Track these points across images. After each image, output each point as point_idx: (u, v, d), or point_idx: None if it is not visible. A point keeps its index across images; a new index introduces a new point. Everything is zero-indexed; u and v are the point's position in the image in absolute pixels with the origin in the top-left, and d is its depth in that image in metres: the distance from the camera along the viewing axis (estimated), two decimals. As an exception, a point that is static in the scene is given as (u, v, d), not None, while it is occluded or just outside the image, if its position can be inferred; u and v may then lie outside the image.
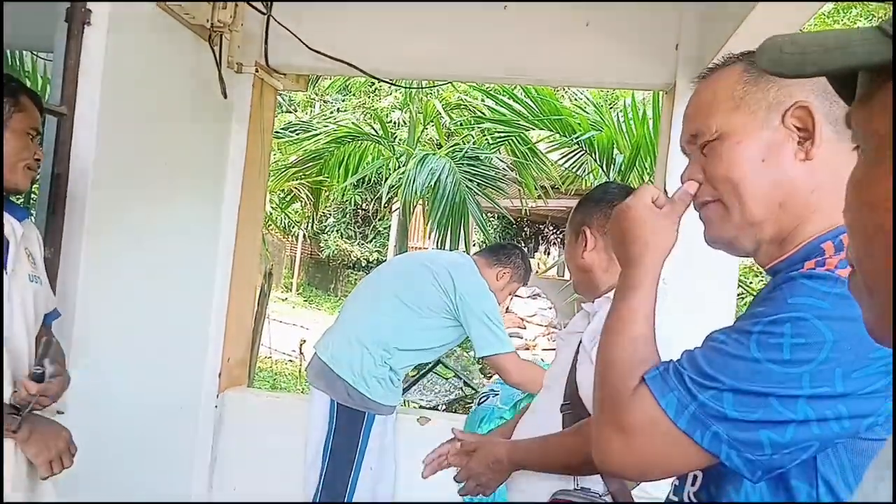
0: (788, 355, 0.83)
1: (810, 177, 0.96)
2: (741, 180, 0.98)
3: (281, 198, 9.31)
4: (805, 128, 0.96)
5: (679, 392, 0.88)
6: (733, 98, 1.00)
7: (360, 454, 2.78)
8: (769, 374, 0.84)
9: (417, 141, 8.39)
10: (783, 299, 0.87)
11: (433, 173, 6.57)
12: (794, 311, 0.85)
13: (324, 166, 7.85)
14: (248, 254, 3.54)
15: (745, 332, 0.87)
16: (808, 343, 0.83)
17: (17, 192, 1.81)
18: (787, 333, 0.84)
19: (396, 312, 2.83)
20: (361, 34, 3.28)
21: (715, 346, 0.90)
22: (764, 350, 0.85)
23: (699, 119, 1.04)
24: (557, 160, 6.90)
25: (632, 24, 3.05)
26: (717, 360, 0.88)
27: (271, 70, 3.42)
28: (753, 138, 0.98)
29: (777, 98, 0.98)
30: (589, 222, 1.88)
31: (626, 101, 6.03)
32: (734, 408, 0.85)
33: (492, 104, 6.90)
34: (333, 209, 16.46)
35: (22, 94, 1.79)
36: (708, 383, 0.87)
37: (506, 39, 3.16)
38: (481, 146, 7.65)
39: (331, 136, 7.81)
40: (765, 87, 0.99)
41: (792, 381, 0.83)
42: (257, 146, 3.45)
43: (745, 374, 0.85)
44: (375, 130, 8.43)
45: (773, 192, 0.96)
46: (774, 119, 0.97)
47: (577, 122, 6.06)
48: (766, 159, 0.97)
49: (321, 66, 3.34)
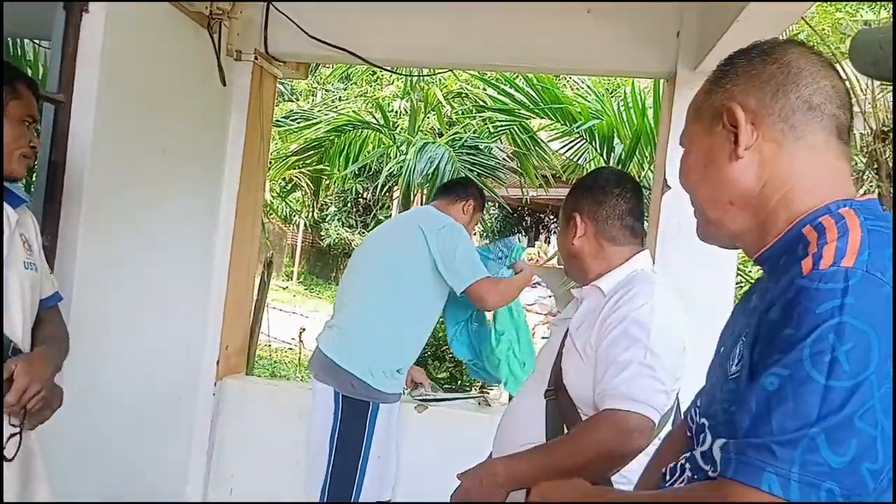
0: (848, 366, 0.79)
1: (750, 173, 1.00)
2: (693, 188, 1.08)
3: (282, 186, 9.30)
4: (735, 129, 1.01)
5: (772, 465, 0.81)
6: (696, 109, 1.09)
7: (367, 443, 2.78)
8: (845, 395, 0.79)
9: (418, 129, 8.36)
10: (811, 312, 0.82)
11: (432, 162, 6.55)
12: (828, 318, 0.81)
13: (324, 155, 7.83)
14: (246, 242, 3.54)
15: (796, 360, 0.82)
16: (857, 345, 0.80)
17: (13, 180, 1.80)
18: (835, 345, 0.80)
19: (387, 301, 2.82)
20: (361, 21, 3.26)
21: (772, 393, 0.83)
22: (824, 371, 0.80)
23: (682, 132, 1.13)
24: (558, 149, 6.88)
25: (632, 12, 3.04)
26: (787, 407, 0.81)
27: (271, 58, 3.41)
28: (699, 146, 1.06)
29: (720, 102, 1.03)
30: (580, 208, 1.87)
31: (626, 90, 6.01)
32: (832, 450, 0.79)
33: (493, 93, 6.88)
34: (334, 198, 16.45)
35: (18, 82, 1.78)
36: (795, 436, 0.80)
37: (506, 27, 3.14)
38: (482, 135, 7.62)
39: (331, 124, 7.79)
40: (714, 93, 1.05)
41: (865, 391, 0.79)
42: (256, 134, 3.44)
43: (826, 406, 0.79)
44: (376, 119, 8.40)
45: (719, 193, 1.03)
46: (717, 124, 1.03)
47: (577, 110, 6.04)
48: (707, 165, 1.05)
49: (321, 54, 3.33)
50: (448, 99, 8.67)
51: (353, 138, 7.76)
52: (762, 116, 0.99)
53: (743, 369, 0.93)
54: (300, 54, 3.50)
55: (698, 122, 1.07)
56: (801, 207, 0.97)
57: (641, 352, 1.63)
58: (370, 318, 2.83)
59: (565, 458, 1.62)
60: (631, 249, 1.85)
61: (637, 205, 1.88)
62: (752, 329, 0.91)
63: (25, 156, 1.79)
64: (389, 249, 2.89)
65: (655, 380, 1.61)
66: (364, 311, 2.86)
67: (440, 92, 8.40)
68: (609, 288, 1.79)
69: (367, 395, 2.79)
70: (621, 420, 1.59)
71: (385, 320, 2.82)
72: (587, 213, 1.86)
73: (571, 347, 1.78)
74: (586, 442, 1.63)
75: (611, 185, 1.88)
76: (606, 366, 1.66)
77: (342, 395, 2.78)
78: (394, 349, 2.83)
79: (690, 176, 1.08)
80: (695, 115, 1.09)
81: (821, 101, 0.98)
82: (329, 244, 17.86)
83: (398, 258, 2.84)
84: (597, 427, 1.63)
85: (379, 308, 2.83)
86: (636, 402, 1.59)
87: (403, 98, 9.20)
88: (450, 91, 8.67)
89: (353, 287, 2.96)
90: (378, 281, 2.85)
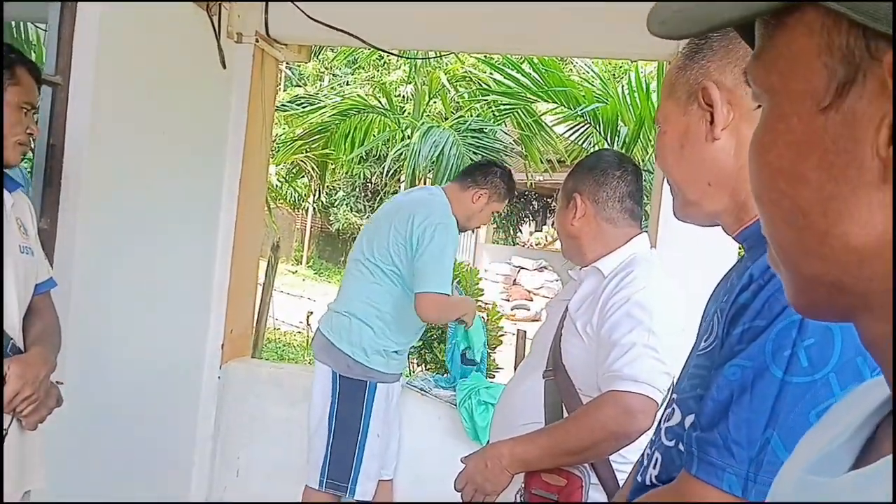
0: (806, 361, 0.79)
1: (727, 154, 0.97)
2: (669, 169, 1.05)
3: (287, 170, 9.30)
4: (711, 108, 0.97)
5: (732, 466, 0.82)
6: (669, 86, 1.05)
7: (365, 423, 2.80)
8: (800, 392, 0.79)
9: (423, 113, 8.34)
10: (778, 303, 0.82)
11: (436, 146, 6.54)
12: (792, 313, 0.77)
13: (330, 139, 7.82)
14: (250, 225, 3.54)
15: (758, 352, 0.82)
16: (818, 341, 0.79)
17: (7, 167, 1.79)
18: (796, 340, 0.80)
19: (376, 281, 2.82)
20: (364, 4, 3.23)
21: (733, 383, 0.84)
22: (782, 365, 0.80)
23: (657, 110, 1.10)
24: (563, 133, 6.86)
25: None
26: (745, 399, 0.82)
27: (272, 40, 3.38)
28: (674, 125, 1.03)
29: (696, 80, 1.00)
30: (580, 189, 1.86)
31: (631, 74, 5.97)
32: (788, 450, 0.77)
33: (498, 77, 6.85)
34: (343, 182, 16.45)
35: (19, 67, 1.75)
36: (752, 436, 0.81)
37: (511, 10, 3.11)
38: (487, 119, 7.60)
39: (336, 108, 7.77)
40: (689, 70, 1.01)
41: (822, 389, 0.78)
42: (258, 117, 3.43)
43: (780, 402, 0.80)
44: (382, 104, 8.37)
45: (697, 174, 1.00)
46: (692, 103, 1.00)
47: (581, 94, 6.01)
48: (684, 145, 1.01)
49: (322, 37, 3.30)
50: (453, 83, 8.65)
51: (359, 122, 7.76)
52: (738, 96, 0.96)
53: (715, 347, 0.93)
54: (302, 37, 3.48)
55: (672, 100, 1.04)
56: None
57: (644, 334, 1.63)
58: (363, 299, 2.84)
59: (570, 440, 1.64)
60: (629, 232, 1.85)
61: (637, 188, 1.87)
62: (728, 308, 0.91)
63: (21, 143, 1.77)
64: (382, 232, 2.86)
65: (658, 361, 1.62)
66: (357, 292, 2.87)
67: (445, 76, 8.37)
68: (609, 269, 1.79)
69: (363, 375, 2.80)
70: (625, 401, 1.60)
71: (377, 302, 2.82)
72: (587, 195, 1.85)
73: (571, 328, 1.78)
74: (591, 423, 1.64)
75: (612, 167, 1.87)
76: (609, 348, 1.66)
77: (339, 376, 2.80)
78: (387, 330, 2.83)
79: (668, 157, 1.05)
80: (669, 93, 1.05)
81: None
82: (338, 229, 17.89)
83: (390, 241, 2.81)
84: (601, 408, 1.63)
85: (371, 289, 2.83)
86: (639, 383, 1.60)
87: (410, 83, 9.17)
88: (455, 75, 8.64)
89: (349, 268, 2.97)
90: (371, 263, 2.85)
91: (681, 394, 1.01)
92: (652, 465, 1.01)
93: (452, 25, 3.23)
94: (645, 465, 1.04)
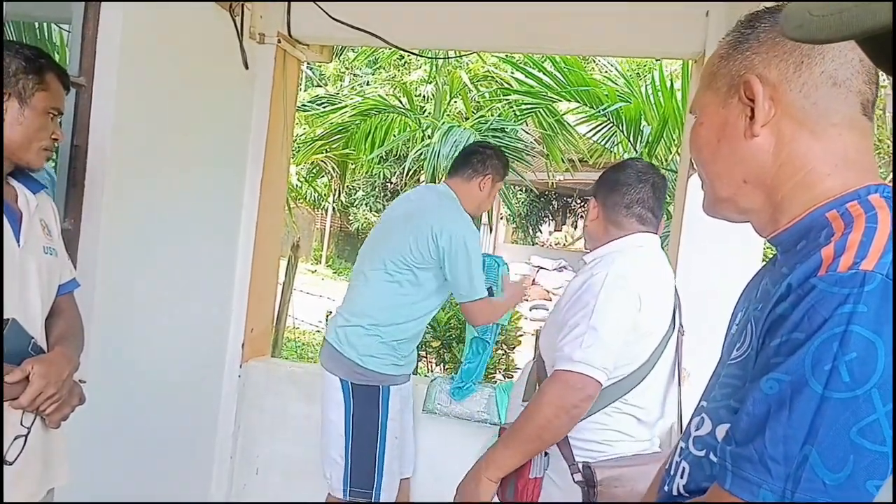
0: (848, 377, 0.75)
1: (766, 153, 0.92)
2: (703, 163, 1.00)
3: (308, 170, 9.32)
4: (752, 103, 0.92)
5: (768, 483, 0.78)
6: (710, 75, 1.00)
7: (382, 426, 2.79)
8: (841, 407, 0.75)
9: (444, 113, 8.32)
10: (819, 316, 0.78)
11: (457, 145, 6.52)
12: (835, 325, 0.76)
13: (350, 139, 7.83)
14: (271, 225, 3.55)
15: (797, 366, 0.78)
16: (860, 355, 0.75)
17: (31, 170, 1.79)
18: (837, 354, 0.76)
19: (382, 287, 2.81)
20: (386, 3, 3.23)
21: (770, 398, 0.80)
22: (822, 380, 0.76)
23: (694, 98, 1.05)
24: (585, 133, 6.81)
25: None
26: (783, 415, 0.78)
27: (294, 41, 3.39)
28: (712, 118, 0.98)
29: (738, 71, 0.94)
30: (596, 194, 2.06)
31: (655, 74, 5.92)
32: (826, 467, 0.75)
33: (520, 76, 6.82)
34: (362, 182, 16.48)
35: (48, 72, 1.73)
36: (789, 452, 0.77)
37: (532, 8, 3.09)
38: (508, 118, 7.57)
39: (356, 108, 7.78)
40: (732, 60, 0.96)
41: (864, 405, 0.75)
42: (280, 117, 3.44)
43: (820, 417, 0.76)
44: (403, 104, 8.37)
45: (733, 171, 0.96)
46: (733, 95, 0.95)
47: (604, 93, 5.97)
48: (721, 139, 0.96)
49: (344, 37, 3.30)
50: (474, 82, 8.62)
51: (379, 122, 7.76)
52: (782, 91, 0.91)
53: (749, 357, 0.90)
54: (324, 37, 3.48)
55: (712, 91, 0.98)
56: (821, 191, 0.90)
57: (588, 315, 1.79)
58: (371, 307, 2.82)
59: (525, 424, 1.80)
60: (629, 232, 2.00)
61: (651, 196, 2.01)
62: (763, 318, 0.87)
63: (46, 148, 1.76)
64: (394, 240, 2.83)
65: (597, 339, 1.77)
66: (366, 301, 2.85)
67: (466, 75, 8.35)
68: (589, 260, 1.99)
69: (375, 380, 2.79)
70: (564, 378, 1.77)
71: (385, 309, 2.80)
72: (600, 199, 2.03)
73: (550, 315, 2.00)
74: (539, 403, 1.79)
75: (628, 177, 2.02)
76: (559, 330, 1.85)
77: (351, 384, 2.79)
78: (396, 335, 2.81)
79: (703, 150, 0.99)
80: (709, 82, 0.99)
81: (847, 76, 0.90)
82: (357, 228, 17.93)
83: (407, 249, 2.78)
84: (546, 388, 1.80)
85: (380, 298, 2.82)
86: (576, 361, 1.76)
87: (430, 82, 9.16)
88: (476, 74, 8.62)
89: (355, 279, 2.96)
90: (381, 271, 2.82)
91: (711, 402, 0.98)
92: (679, 474, 0.99)
93: (474, 25, 3.21)
94: (672, 474, 1.02)
